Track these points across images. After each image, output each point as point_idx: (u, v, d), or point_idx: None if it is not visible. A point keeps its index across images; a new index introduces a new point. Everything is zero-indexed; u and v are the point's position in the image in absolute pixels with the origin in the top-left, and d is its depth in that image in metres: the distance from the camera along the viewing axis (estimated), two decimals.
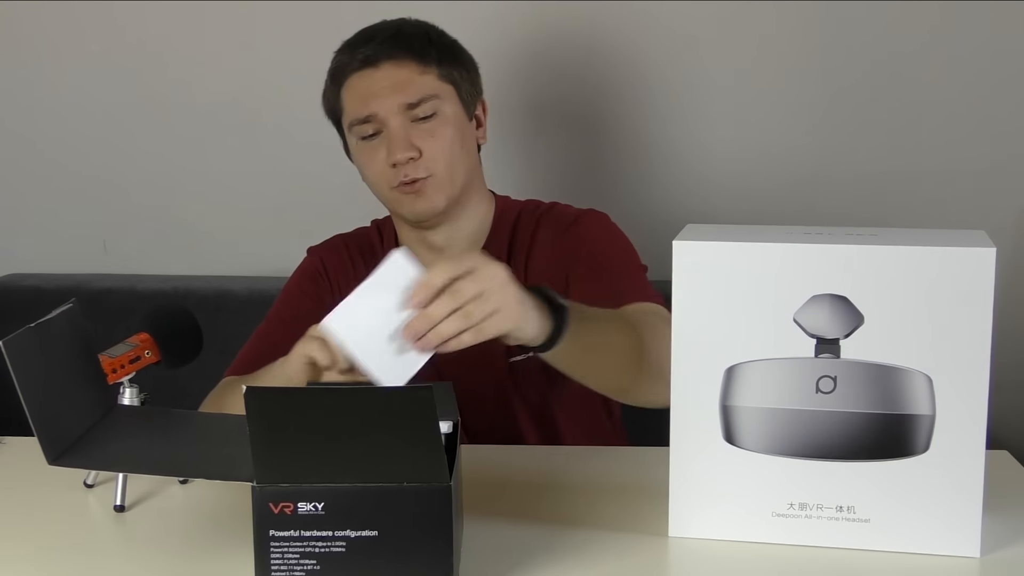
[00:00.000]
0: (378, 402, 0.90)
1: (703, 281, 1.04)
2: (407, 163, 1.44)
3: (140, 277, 2.17)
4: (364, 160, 1.50)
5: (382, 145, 1.46)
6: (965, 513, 1.02)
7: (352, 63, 1.49)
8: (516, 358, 1.50)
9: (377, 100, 1.45)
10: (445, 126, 1.47)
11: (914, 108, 2.07)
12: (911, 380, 1.01)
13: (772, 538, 1.06)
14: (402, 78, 1.46)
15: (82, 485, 1.23)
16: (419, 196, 1.46)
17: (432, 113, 1.46)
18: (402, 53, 1.47)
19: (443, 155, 1.46)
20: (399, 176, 1.46)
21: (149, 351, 1.23)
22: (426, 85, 1.46)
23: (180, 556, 1.07)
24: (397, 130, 1.45)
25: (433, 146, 1.45)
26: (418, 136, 1.45)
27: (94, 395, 1.12)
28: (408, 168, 1.45)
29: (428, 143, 1.45)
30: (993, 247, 0.98)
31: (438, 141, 1.46)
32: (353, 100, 1.48)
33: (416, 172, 1.45)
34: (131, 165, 2.23)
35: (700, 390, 1.05)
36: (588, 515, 1.14)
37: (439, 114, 1.47)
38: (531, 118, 2.13)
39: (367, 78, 1.47)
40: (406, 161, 1.44)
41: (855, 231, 1.06)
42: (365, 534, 0.93)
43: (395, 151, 1.44)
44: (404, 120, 1.45)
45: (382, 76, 1.46)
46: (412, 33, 1.50)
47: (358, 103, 1.47)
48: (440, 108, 1.47)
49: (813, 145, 2.10)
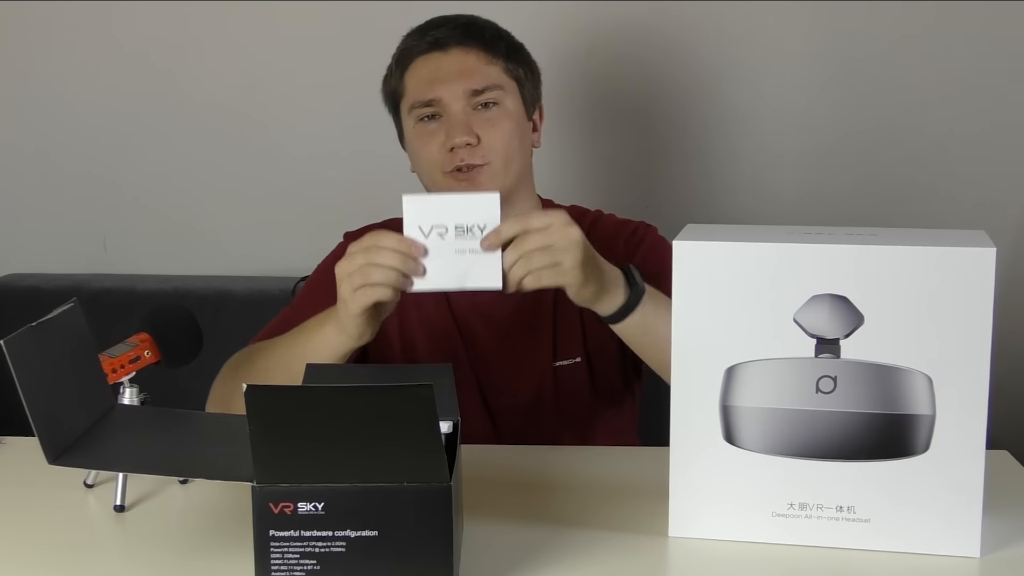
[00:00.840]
0: (378, 401, 0.90)
1: (703, 281, 1.04)
2: (464, 148, 1.43)
3: (140, 277, 2.17)
4: (419, 143, 1.48)
5: (440, 129, 1.45)
6: (965, 513, 1.02)
7: (420, 46, 1.48)
8: (561, 362, 1.50)
9: (443, 84, 1.45)
10: (505, 118, 1.46)
11: (914, 108, 2.07)
12: (911, 380, 1.01)
13: (772, 538, 1.06)
14: (469, 65, 1.46)
15: (82, 485, 1.23)
16: (471, 184, 1.45)
17: (494, 102, 1.46)
18: (472, 41, 1.47)
19: (501, 146, 1.45)
20: (455, 161, 1.44)
21: (149, 351, 1.23)
22: (492, 75, 1.47)
23: (180, 556, 1.07)
24: (458, 114, 1.44)
25: (492, 135, 1.45)
26: (479, 123, 1.45)
27: (94, 395, 1.12)
28: (465, 153, 1.44)
29: (488, 132, 1.45)
30: (993, 247, 0.98)
31: (497, 131, 1.45)
32: (417, 83, 1.48)
33: (472, 158, 1.44)
34: (131, 165, 2.23)
35: (700, 390, 1.05)
36: (588, 515, 1.14)
37: (501, 105, 1.46)
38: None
39: (434, 61, 1.47)
40: (464, 146, 1.43)
41: (855, 231, 1.06)
42: (365, 534, 0.93)
43: (454, 134, 1.43)
44: (466, 106, 1.45)
45: (450, 61, 1.46)
46: (483, 25, 1.51)
47: (422, 86, 1.47)
48: (502, 100, 1.47)
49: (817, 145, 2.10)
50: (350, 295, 1.20)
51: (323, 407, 0.90)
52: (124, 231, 2.26)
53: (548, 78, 1.58)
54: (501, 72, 1.48)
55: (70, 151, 2.24)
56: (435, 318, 1.52)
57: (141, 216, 2.25)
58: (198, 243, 2.24)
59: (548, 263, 1.17)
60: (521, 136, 1.49)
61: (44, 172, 2.26)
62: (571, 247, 1.17)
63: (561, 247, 1.17)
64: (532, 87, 1.53)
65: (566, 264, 1.18)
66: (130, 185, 2.24)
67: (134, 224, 2.26)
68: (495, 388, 1.52)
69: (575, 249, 1.17)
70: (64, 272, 2.22)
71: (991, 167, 2.07)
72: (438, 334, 1.51)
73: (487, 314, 1.51)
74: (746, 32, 2.07)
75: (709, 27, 2.08)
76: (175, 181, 2.23)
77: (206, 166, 2.22)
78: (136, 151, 2.22)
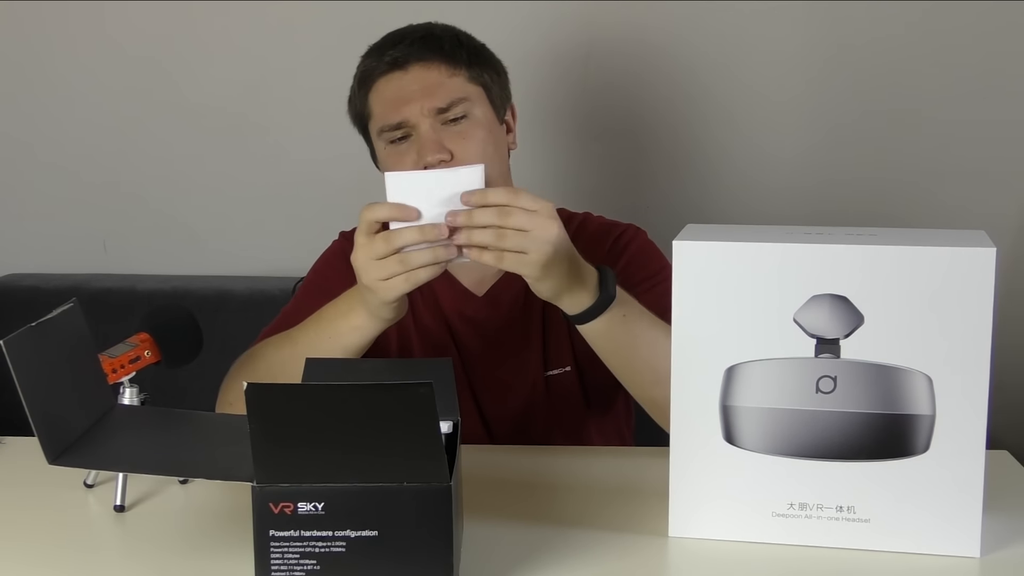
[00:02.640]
0: (378, 401, 0.90)
1: (703, 281, 1.04)
2: (438, 165, 1.40)
3: (140, 277, 2.17)
4: (393, 164, 1.45)
5: (412, 148, 1.42)
6: (965, 513, 1.02)
7: (379, 67, 1.45)
8: (552, 372, 1.50)
9: (406, 105, 1.42)
10: (476, 128, 1.44)
11: (914, 108, 2.07)
12: (911, 380, 1.01)
13: (772, 538, 1.06)
14: (431, 81, 1.43)
15: (82, 485, 1.23)
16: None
17: (463, 115, 1.43)
18: (431, 55, 1.44)
19: (475, 157, 1.41)
20: None
21: (149, 351, 1.23)
22: (456, 88, 1.44)
23: (180, 556, 1.07)
24: (427, 132, 1.41)
25: (465, 148, 1.41)
26: (449, 138, 1.41)
27: (94, 395, 1.12)
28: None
29: (460, 145, 1.41)
30: (993, 247, 0.98)
31: (470, 143, 1.42)
32: (382, 105, 1.45)
33: None
34: (131, 165, 2.23)
35: (700, 390, 1.05)
36: (588, 515, 1.14)
37: (470, 116, 1.43)
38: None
39: (396, 81, 1.44)
40: (437, 163, 1.40)
41: (855, 231, 1.06)
42: (365, 534, 0.93)
43: (426, 153, 1.40)
44: (434, 123, 1.42)
45: (411, 79, 1.43)
46: (441, 35, 1.47)
47: (387, 108, 1.44)
48: (471, 111, 1.44)
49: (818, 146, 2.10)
50: (378, 283, 1.19)
51: (323, 406, 0.90)
52: (124, 231, 2.26)
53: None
54: (465, 82, 1.45)
55: (70, 151, 2.24)
56: (431, 328, 1.52)
57: (141, 216, 2.25)
58: (198, 243, 2.24)
59: (515, 247, 1.16)
60: (495, 143, 1.46)
61: (44, 172, 2.26)
62: (543, 243, 1.16)
63: (535, 237, 1.16)
64: (500, 89, 1.50)
65: (531, 257, 1.17)
66: (130, 185, 2.24)
67: (134, 224, 2.26)
68: (489, 397, 1.51)
69: (546, 246, 1.17)
70: (64, 272, 2.22)
71: (991, 167, 2.07)
72: (434, 343, 1.51)
73: (479, 324, 1.51)
74: (741, 32, 2.07)
75: (702, 26, 2.07)
76: (175, 181, 2.23)
77: (206, 166, 2.22)
78: (136, 151, 2.22)
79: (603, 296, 1.24)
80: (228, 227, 2.24)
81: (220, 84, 2.18)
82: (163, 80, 2.19)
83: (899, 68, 2.06)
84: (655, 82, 2.11)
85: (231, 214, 2.23)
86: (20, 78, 2.22)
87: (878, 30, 2.05)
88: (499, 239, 1.16)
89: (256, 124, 2.19)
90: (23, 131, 2.25)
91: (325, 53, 2.14)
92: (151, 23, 2.17)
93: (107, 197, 2.25)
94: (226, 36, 2.17)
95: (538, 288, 1.22)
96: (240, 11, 2.15)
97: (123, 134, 2.22)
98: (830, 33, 2.06)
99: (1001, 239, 1.08)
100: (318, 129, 2.17)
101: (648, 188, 2.15)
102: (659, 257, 1.52)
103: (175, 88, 2.19)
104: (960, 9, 2.02)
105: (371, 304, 1.24)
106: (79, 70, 2.20)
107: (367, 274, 1.20)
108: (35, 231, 2.28)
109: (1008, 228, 2.06)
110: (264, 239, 2.22)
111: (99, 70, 2.20)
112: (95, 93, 2.21)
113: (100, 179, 2.24)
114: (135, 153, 2.22)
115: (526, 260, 1.17)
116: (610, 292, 1.24)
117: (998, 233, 1.14)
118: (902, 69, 2.06)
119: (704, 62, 2.09)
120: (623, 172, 2.16)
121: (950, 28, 2.04)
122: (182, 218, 2.24)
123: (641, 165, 2.15)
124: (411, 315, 1.51)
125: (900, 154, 2.08)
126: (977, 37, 2.03)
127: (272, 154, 2.20)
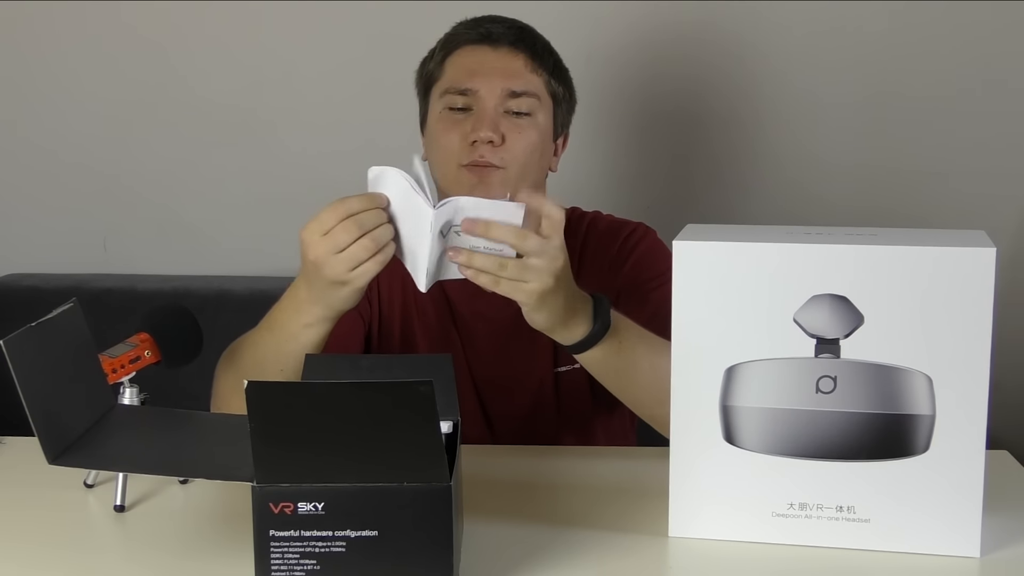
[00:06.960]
0: (378, 400, 0.90)
1: (703, 281, 1.04)
2: (487, 145, 1.41)
3: (140, 277, 2.17)
4: (441, 129, 1.45)
5: (467, 121, 1.43)
6: (965, 513, 1.02)
7: (470, 35, 1.47)
8: (562, 368, 1.50)
9: (483, 77, 1.43)
10: (533, 129, 1.44)
11: (914, 108, 2.07)
12: (911, 380, 1.01)
13: (772, 538, 1.06)
14: (515, 66, 1.45)
15: (82, 485, 1.23)
16: (481, 182, 1.42)
17: (527, 112, 1.44)
18: (523, 45, 1.46)
19: (523, 154, 1.43)
20: (473, 155, 1.41)
21: (149, 351, 1.23)
22: (534, 83, 1.45)
23: (180, 556, 1.07)
24: (490, 111, 1.42)
25: (517, 140, 1.42)
26: (506, 125, 1.42)
27: (94, 395, 1.12)
28: (486, 150, 1.41)
29: (514, 136, 1.42)
30: (993, 247, 0.98)
31: (523, 138, 1.43)
32: (457, 70, 1.46)
33: (492, 157, 1.41)
34: (131, 165, 2.23)
35: (700, 390, 1.05)
36: (588, 515, 1.14)
37: (533, 116, 1.44)
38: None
39: (480, 53, 1.46)
40: (487, 142, 1.41)
41: (855, 231, 1.06)
42: (365, 534, 0.93)
43: (480, 127, 1.41)
44: (499, 105, 1.43)
45: (496, 57, 1.45)
46: (537, 36, 1.50)
47: (462, 74, 1.45)
48: (536, 111, 1.45)
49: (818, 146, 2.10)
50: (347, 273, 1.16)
51: (323, 405, 0.90)
52: (124, 231, 2.26)
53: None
54: (543, 84, 1.47)
55: (70, 150, 2.24)
56: (436, 325, 1.51)
57: (141, 216, 2.25)
58: (198, 243, 2.24)
59: (515, 276, 1.13)
60: (543, 152, 1.47)
61: (44, 172, 2.26)
62: (545, 276, 1.13)
63: (538, 268, 1.13)
64: (566, 111, 1.52)
65: (529, 287, 1.13)
66: (130, 185, 2.24)
67: (134, 224, 2.26)
68: (495, 394, 1.51)
69: (547, 278, 1.13)
70: (64, 272, 2.22)
71: (991, 167, 2.07)
72: (439, 340, 1.51)
73: (489, 320, 1.51)
74: (741, 32, 2.07)
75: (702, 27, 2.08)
76: (175, 181, 2.23)
77: (206, 166, 2.22)
78: (136, 151, 2.22)
79: (596, 327, 1.21)
80: (228, 227, 2.24)
81: (221, 84, 2.18)
82: (163, 80, 2.19)
83: (899, 68, 2.06)
84: (655, 82, 2.11)
85: (231, 214, 2.23)
86: (21, 77, 2.22)
87: (878, 30, 2.05)
88: (499, 268, 1.13)
89: (256, 124, 2.19)
90: (23, 131, 2.25)
91: (326, 53, 2.14)
92: (152, 23, 2.17)
93: (107, 197, 2.25)
94: (227, 36, 2.17)
95: (532, 318, 1.18)
96: (242, 11, 2.15)
97: (123, 134, 2.22)
98: (831, 34, 2.06)
99: (1001, 239, 1.08)
100: (319, 129, 2.17)
101: (648, 188, 2.15)
102: (667, 257, 1.50)
103: (175, 88, 2.19)
104: (960, 9, 2.02)
105: (330, 298, 1.21)
106: (80, 70, 2.20)
107: (331, 269, 1.17)
108: (35, 231, 2.28)
109: (1008, 228, 2.07)
110: (264, 239, 2.22)
111: (100, 70, 2.20)
112: (95, 93, 2.21)
113: (100, 179, 2.24)
114: (135, 153, 2.22)
115: (521, 288, 1.14)
116: (604, 322, 1.22)
117: (998, 233, 1.14)
118: (902, 69, 2.06)
119: (704, 62, 2.09)
120: (623, 172, 2.16)
121: (950, 28, 2.04)
122: (182, 218, 2.24)
123: (641, 165, 2.15)
124: (415, 311, 1.51)
125: (900, 154, 2.09)
126: (977, 37, 2.04)
127: (273, 154, 2.20)
